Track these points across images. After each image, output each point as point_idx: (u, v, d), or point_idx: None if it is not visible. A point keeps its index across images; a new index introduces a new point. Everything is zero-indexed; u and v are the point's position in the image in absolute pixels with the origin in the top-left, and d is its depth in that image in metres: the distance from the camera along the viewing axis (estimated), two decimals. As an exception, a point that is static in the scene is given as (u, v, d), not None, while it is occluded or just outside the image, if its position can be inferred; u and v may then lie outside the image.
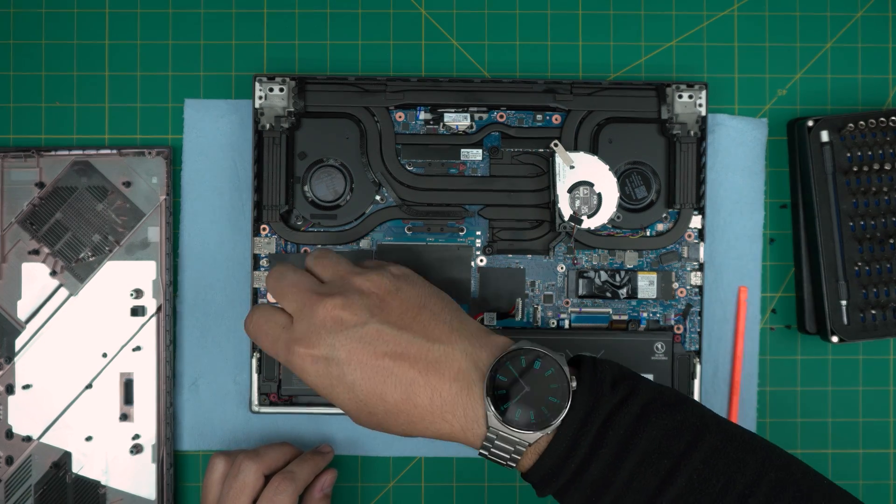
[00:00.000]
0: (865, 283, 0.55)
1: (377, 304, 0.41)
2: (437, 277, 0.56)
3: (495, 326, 0.56)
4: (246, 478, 0.50)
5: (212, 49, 0.59)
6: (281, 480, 0.50)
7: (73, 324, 0.57)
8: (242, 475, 0.50)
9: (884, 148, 0.55)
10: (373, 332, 0.40)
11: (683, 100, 0.56)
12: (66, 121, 0.58)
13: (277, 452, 0.53)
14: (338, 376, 0.40)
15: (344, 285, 0.42)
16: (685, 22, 0.59)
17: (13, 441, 0.56)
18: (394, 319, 0.41)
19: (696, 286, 0.57)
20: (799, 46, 0.59)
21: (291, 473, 0.51)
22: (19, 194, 0.57)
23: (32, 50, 0.59)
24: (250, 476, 0.50)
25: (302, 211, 0.57)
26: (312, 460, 0.53)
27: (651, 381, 0.42)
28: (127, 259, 0.57)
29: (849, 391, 0.59)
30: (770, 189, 0.59)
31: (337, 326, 0.40)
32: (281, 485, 0.50)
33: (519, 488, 0.58)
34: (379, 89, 0.56)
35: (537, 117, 0.57)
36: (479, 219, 0.57)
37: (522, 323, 0.57)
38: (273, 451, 0.53)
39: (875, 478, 0.59)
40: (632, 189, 0.57)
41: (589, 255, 0.57)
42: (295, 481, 0.51)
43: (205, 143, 0.58)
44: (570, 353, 0.51)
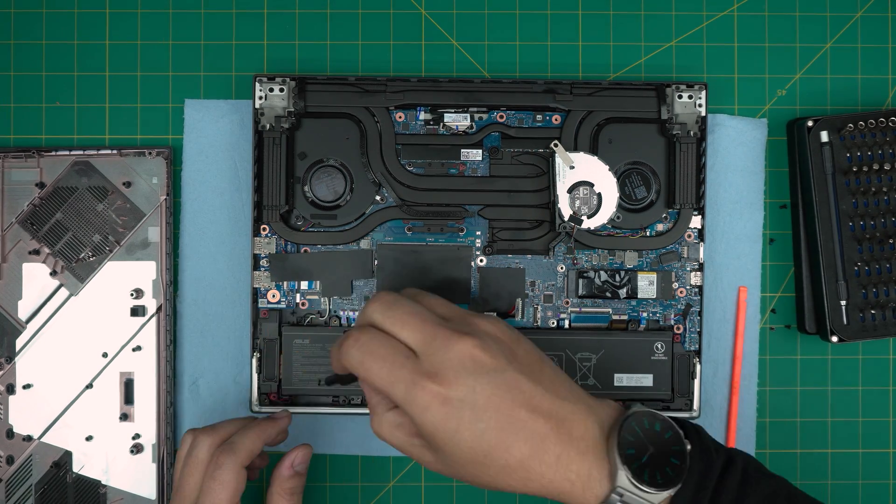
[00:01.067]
0: (865, 283, 0.56)
1: (509, 351, 0.40)
2: (437, 277, 0.56)
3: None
4: (199, 453, 0.48)
5: (212, 49, 0.59)
6: (220, 453, 0.47)
7: (74, 324, 0.57)
8: (196, 450, 0.48)
9: (883, 148, 0.55)
10: (511, 381, 0.39)
11: (683, 100, 0.56)
12: (67, 121, 0.58)
13: (232, 425, 0.50)
14: (469, 421, 0.38)
15: (470, 325, 0.40)
16: (685, 22, 0.59)
17: (14, 441, 0.56)
18: (526, 370, 0.40)
19: (695, 286, 0.57)
20: (798, 46, 0.59)
21: (231, 444, 0.48)
22: (20, 194, 0.57)
23: (32, 50, 0.59)
24: (203, 451, 0.48)
25: (302, 211, 0.57)
26: (258, 427, 0.49)
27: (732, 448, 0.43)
28: (127, 259, 0.57)
29: (848, 391, 0.59)
30: (770, 189, 0.59)
31: (477, 368, 0.38)
32: (220, 458, 0.47)
33: (519, 488, 0.58)
34: (379, 89, 0.56)
35: (537, 117, 0.57)
36: (478, 219, 0.57)
37: (522, 323, 0.57)
38: (229, 424, 0.50)
39: (875, 477, 0.59)
40: (632, 189, 0.57)
41: (589, 255, 0.57)
42: (235, 452, 0.47)
43: (205, 143, 0.58)
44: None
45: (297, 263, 0.56)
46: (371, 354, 0.40)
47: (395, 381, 0.39)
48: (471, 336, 0.39)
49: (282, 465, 0.51)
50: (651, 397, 0.56)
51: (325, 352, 0.55)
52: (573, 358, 0.56)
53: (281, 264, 0.56)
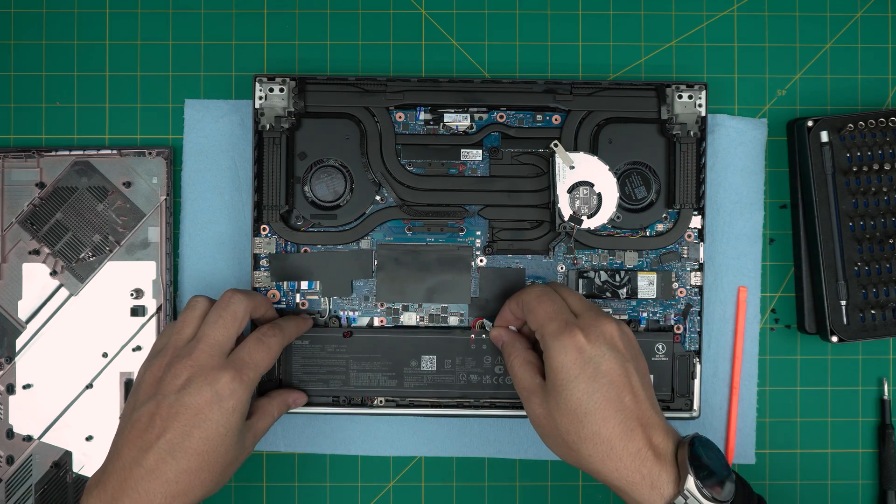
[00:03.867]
0: (865, 283, 0.55)
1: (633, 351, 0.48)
2: (437, 277, 0.56)
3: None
4: (237, 308, 0.49)
5: (212, 49, 0.59)
6: (270, 327, 0.50)
7: (74, 324, 0.57)
8: (234, 306, 0.49)
9: (883, 148, 0.55)
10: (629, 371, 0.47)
11: (683, 100, 0.56)
12: (67, 121, 0.59)
13: (263, 299, 0.52)
14: (589, 375, 0.46)
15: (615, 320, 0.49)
16: (685, 22, 0.59)
17: (14, 441, 0.56)
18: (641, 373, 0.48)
19: (695, 286, 0.57)
20: (798, 46, 0.59)
21: (279, 326, 0.51)
22: (20, 194, 0.57)
23: (32, 50, 0.59)
24: (241, 309, 0.49)
25: (302, 211, 0.57)
26: (297, 320, 0.54)
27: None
28: (127, 259, 0.57)
29: (848, 391, 0.59)
30: (770, 189, 0.59)
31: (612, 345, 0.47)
32: (271, 329, 0.50)
33: (519, 488, 0.59)
34: (379, 89, 0.56)
35: (537, 117, 0.57)
36: (479, 219, 0.57)
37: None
38: (260, 296, 0.52)
39: (875, 477, 0.59)
40: (632, 189, 0.57)
41: (589, 255, 0.57)
42: (283, 333, 0.51)
43: (205, 143, 0.58)
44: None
45: (297, 263, 0.56)
46: (548, 296, 0.50)
47: (555, 318, 0.48)
48: (616, 324, 0.48)
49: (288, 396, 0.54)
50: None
51: (325, 353, 0.55)
52: None
53: (281, 264, 0.56)
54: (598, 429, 0.45)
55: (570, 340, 0.47)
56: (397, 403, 0.56)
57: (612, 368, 0.46)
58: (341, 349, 0.55)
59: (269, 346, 0.49)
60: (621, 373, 0.46)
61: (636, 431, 0.45)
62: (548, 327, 0.48)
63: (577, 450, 0.46)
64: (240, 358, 0.48)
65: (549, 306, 0.49)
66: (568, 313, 0.49)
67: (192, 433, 0.45)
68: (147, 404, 0.46)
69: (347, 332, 0.55)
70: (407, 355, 0.56)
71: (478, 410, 0.56)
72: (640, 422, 0.46)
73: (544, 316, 0.49)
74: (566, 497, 0.59)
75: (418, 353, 0.56)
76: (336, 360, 0.55)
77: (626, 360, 0.47)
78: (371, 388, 0.56)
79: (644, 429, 0.46)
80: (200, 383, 0.46)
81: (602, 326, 0.47)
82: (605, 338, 0.47)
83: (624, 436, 0.45)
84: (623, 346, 0.47)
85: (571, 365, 0.46)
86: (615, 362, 0.46)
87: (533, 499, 0.58)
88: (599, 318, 0.48)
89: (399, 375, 0.56)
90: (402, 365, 0.56)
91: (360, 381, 0.56)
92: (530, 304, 0.50)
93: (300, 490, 0.58)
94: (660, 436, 0.46)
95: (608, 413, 0.45)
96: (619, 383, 0.46)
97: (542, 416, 0.48)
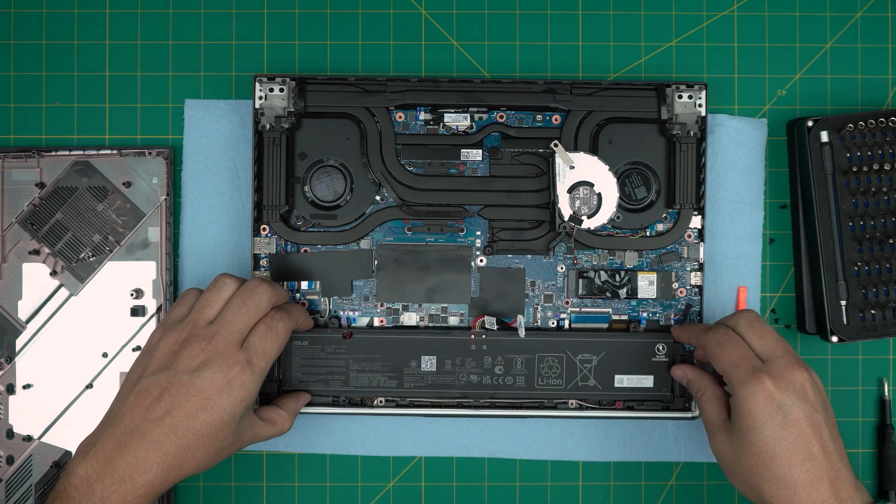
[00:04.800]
0: (865, 283, 0.55)
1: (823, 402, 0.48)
2: (437, 277, 0.56)
3: (495, 329, 0.56)
4: (261, 300, 0.50)
5: (212, 49, 0.59)
6: (279, 311, 0.51)
7: (74, 324, 0.57)
8: (258, 297, 0.50)
9: (883, 148, 0.55)
10: (819, 421, 0.47)
11: (683, 100, 0.56)
12: (67, 121, 0.58)
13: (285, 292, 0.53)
14: (777, 423, 0.46)
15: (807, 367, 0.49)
16: (685, 22, 0.59)
17: (14, 441, 0.56)
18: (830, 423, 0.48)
19: (695, 286, 0.57)
20: (798, 46, 0.59)
21: (287, 310, 0.52)
22: (20, 194, 0.57)
23: (32, 50, 0.59)
24: (265, 300, 0.50)
25: (302, 211, 0.57)
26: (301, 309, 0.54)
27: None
28: (127, 259, 0.57)
29: (849, 391, 0.59)
30: (770, 189, 0.59)
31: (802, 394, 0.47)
32: (280, 315, 0.51)
33: (519, 488, 0.59)
34: (379, 89, 0.56)
35: (537, 117, 0.57)
36: (479, 219, 0.57)
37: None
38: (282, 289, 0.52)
39: (875, 477, 0.59)
40: (632, 189, 0.57)
41: (589, 255, 0.57)
42: (291, 317, 0.51)
43: (205, 143, 0.58)
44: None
45: (297, 263, 0.56)
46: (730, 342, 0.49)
47: (742, 364, 0.48)
48: (807, 371, 0.48)
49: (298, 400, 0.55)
50: (651, 398, 0.56)
51: (325, 353, 0.55)
52: (574, 359, 0.56)
53: (281, 264, 0.56)
54: (784, 473, 0.46)
55: (759, 387, 0.47)
56: (397, 403, 0.56)
57: (801, 418, 0.46)
58: (341, 350, 0.55)
59: (279, 333, 0.50)
60: (810, 423, 0.46)
61: (823, 482, 0.46)
62: (734, 374, 0.48)
63: (759, 490, 0.47)
64: (252, 347, 0.49)
65: (732, 353, 0.49)
66: (754, 359, 0.48)
67: (198, 415, 0.46)
68: (157, 376, 0.47)
69: (347, 334, 0.55)
70: (407, 356, 0.56)
71: (478, 410, 0.56)
72: (827, 473, 0.46)
73: (729, 363, 0.48)
74: (566, 497, 0.59)
75: (418, 353, 0.55)
76: (336, 361, 0.55)
77: (816, 411, 0.47)
78: (371, 389, 0.56)
79: (831, 481, 0.46)
80: (215, 369, 0.47)
81: (792, 375, 0.47)
82: (795, 387, 0.47)
83: (809, 484, 0.46)
84: (813, 396, 0.47)
85: (759, 411, 0.46)
86: (804, 412, 0.46)
87: (533, 499, 0.58)
88: (791, 366, 0.48)
89: (399, 376, 0.55)
90: (402, 365, 0.55)
91: (360, 382, 0.55)
92: (712, 351, 0.50)
93: (300, 490, 0.58)
94: (848, 490, 0.46)
95: (795, 460, 0.46)
96: (808, 433, 0.46)
97: (726, 452, 0.49)
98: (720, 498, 0.59)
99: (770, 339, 0.49)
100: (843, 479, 0.46)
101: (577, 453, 0.58)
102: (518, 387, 0.55)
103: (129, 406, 0.46)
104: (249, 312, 0.49)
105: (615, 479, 0.59)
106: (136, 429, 0.46)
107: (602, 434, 0.58)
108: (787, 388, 0.47)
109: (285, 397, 0.55)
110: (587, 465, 0.59)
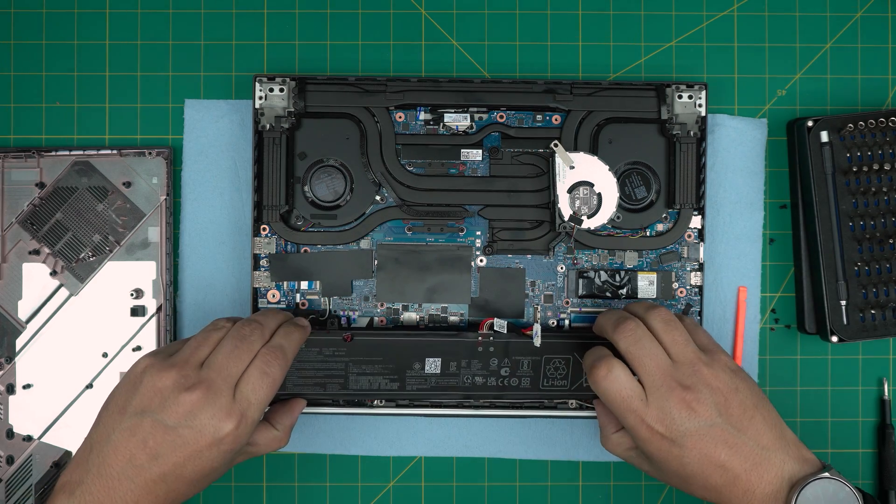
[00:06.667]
0: (865, 283, 0.55)
1: (723, 402, 0.47)
2: (437, 277, 0.56)
3: (505, 333, 0.56)
4: (255, 344, 0.48)
5: (212, 49, 0.59)
6: (273, 353, 0.48)
7: (74, 324, 0.57)
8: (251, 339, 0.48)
9: (883, 148, 0.55)
10: (717, 431, 0.47)
11: (683, 100, 0.56)
12: (67, 121, 0.59)
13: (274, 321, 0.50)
14: (676, 457, 0.47)
15: (695, 375, 0.48)
16: (685, 22, 0.59)
17: (14, 441, 0.56)
18: (734, 420, 0.47)
19: (695, 286, 0.57)
20: (799, 46, 0.59)
21: (282, 348, 0.49)
22: (20, 194, 0.57)
23: (32, 50, 0.59)
24: (257, 344, 0.48)
25: (302, 211, 0.57)
26: (296, 333, 0.51)
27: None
28: (127, 259, 0.57)
29: (848, 391, 0.59)
30: (770, 189, 0.59)
31: (689, 417, 0.46)
32: (273, 358, 0.48)
33: (519, 488, 0.59)
34: (379, 89, 0.56)
35: (537, 117, 0.57)
36: (479, 219, 0.57)
37: (523, 323, 0.57)
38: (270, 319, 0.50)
39: (875, 477, 0.59)
40: (632, 189, 0.57)
41: (589, 255, 0.57)
42: (286, 355, 0.49)
43: (205, 143, 0.58)
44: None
45: (297, 263, 0.56)
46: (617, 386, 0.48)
47: (628, 414, 0.48)
48: (689, 389, 0.47)
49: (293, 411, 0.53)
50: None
51: (323, 356, 0.54)
52: (580, 360, 0.55)
53: (281, 264, 0.56)
54: (704, 483, 0.47)
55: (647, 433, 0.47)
56: (398, 403, 0.56)
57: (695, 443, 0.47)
58: (340, 352, 0.54)
59: (273, 379, 0.47)
60: (708, 439, 0.46)
61: (739, 479, 0.46)
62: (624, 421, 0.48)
63: (693, 493, 0.48)
64: (245, 398, 0.46)
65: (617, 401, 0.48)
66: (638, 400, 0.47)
67: (187, 465, 0.45)
68: (142, 418, 0.45)
69: (348, 336, 0.54)
70: (410, 358, 0.54)
71: (478, 411, 0.56)
72: (744, 465, 0.46)
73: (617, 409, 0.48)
74: (566, 497, 0.59)
75: (422, 355, 0.54)
76: (335, 364, 0.54)
77: (711, 423, 0.47)
78: (371, 392, 0.54)
79: (749, 471, 0.46)
80: (205, 422, 0.45)
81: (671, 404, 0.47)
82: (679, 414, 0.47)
83: (727, 485, 0.46)
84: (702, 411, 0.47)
85: (657, 452, 0.47)
86: (695, 436, 0.47)
87: (533, 499, 0.58)
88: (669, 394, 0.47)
89: (401, 378, 0.54)
90: (404, 368, 0.54)
91: (360, 385, 0.54)
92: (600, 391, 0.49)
93: (300, 490, 0.58)
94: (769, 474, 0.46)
95: (708, 471, 0.47)
96: (708, 448, 0.46)
97: (657, 476, 0.50)
98: (720, 498, 0.59)
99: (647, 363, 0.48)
100: (763, 463, 0.46)
101: (577, 453, 0.58)
102: (523, 388, 0.55)
103: (114, 447, 0.44)
104: (241, 355, 0.47)
105: (615, 479, 0.59)
106: (122, 474, 0.44)
107: (602, 434, 0.58)
108: (670, 422, 0.47)
109: (279, 412, 0.52)
110: (587, 465, 0.59)
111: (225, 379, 0.46)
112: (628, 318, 0.50)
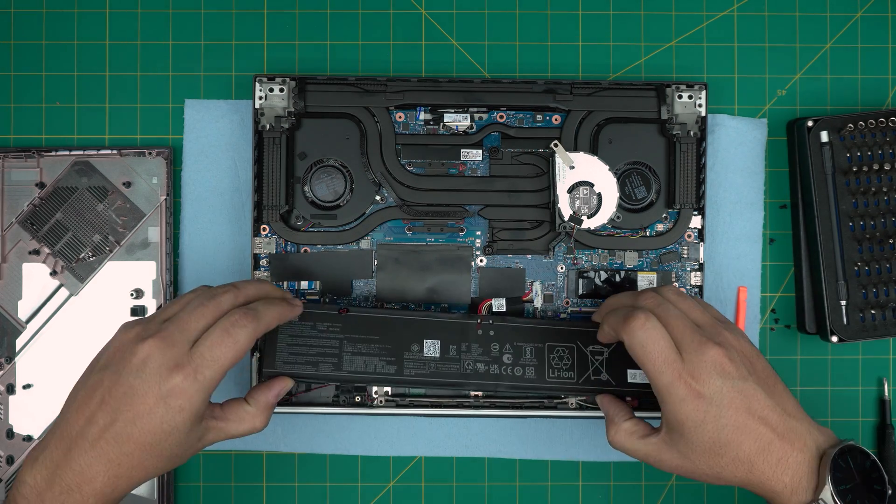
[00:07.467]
0: (865, 283, 0.56)
1: (749, 364, 0.47)
2: (437, 277, 0.56)
3: (503, 314, 0.55)
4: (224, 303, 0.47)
5: (212, 49, 0.59)
6: (243, 314, 0.46)
7: (74, 324, 0.57)
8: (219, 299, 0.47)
9: (883, 148, 0.55)
10: (749, 390, 0.46)
11: (683, 100, 0.56)
12: (67, 121, 0.59)
13: (254, 288, 0.49)
14: (713, 416, 0.45)
15: (719, 335, 0.47)
16: (685, 22, 0.59)
17: (14, 441, 0.56)
18: (762, 382, 0.47)
19: (695, 286, 0.57)
20: (798, 47, 0.59)
21: (255, 311, 0.47)
22: (20, 194, 0.57)
23: (32, 50, 0.59)
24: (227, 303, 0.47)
25: (302, 211, 0.57)
26: (281, 305, 0.49)
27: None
28: (127, 259, 0.57)
29: (848, 391, 0.59)
30: (770, 189, 0.59)
31: (723, 374, 0.46)
32: (242, 318, 0.46)
33: (519, 488, 0.59)
34: (379, 89, 0.56)
35: (537, 117, 0.57)
36: (479, 219, 0.57)
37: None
38: (251, 287, 0.49)
39: (875, 477, 0.59)
40: (632, 189, 0.57)
41: (589, 255, 0.57)
42: (258, 320, 0.46)
43: (205, 143, 0.58)
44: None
45: (297, 263, 0.56)
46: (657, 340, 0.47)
47: (665, 368, 0.46)
48: (720, 346, 0.46)
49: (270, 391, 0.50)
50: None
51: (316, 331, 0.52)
52: (584, 351, 0.54)
53: (281, 264, 0.56)
54: (737, 453, 0.46)
55: (685, 390, 0.46)
56: (397, 403, 0.56)
57: (731, 400, 0.45)
58: (335, 327, 0.52)
59: (236, 340, 0.45)
60: (741, 397, 0.46)
61: (773, 443, 0.45)
62: (660, 380, 0.46)
63: (720, 475, 0.47)
64: (199, 353, 0.44)
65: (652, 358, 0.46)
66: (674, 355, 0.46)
67: (137, 423, 0.43)
68: (103, 373, 0.44)
69: (343, 309, 0.52)
70: (408, 339, 0.52)
71: (478, 410, 0.56)
72: (775, 432, 0.45)
73: (652, 368, 0.46)
74: (566, 497, 0.59)
75: (421, 336, 0.52)
76: (328, 341, 0.52)
77: (744, 380, 0.46)
78: (366, 374, 0.52)
79: (780, 438, 0.45)
80: (152, 373, 0.43)
81: (706, 358, 0.46)
82: (714, 370, 0.46)
83: (762, 452, 0.45)
84: (734, 369, 0.46)
85: (694, 412, 0.46)
86: (731, 392, 0.46)
87: (533, 499, 0.58)
88: (702, 349, 0.46)
89: (399, 361, 0.52)
90: (401, 349, 0.52)
91: (355, 366, 0.52)
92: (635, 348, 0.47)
93: (300, 490, 0.58)
94: (799, 441, 0.46)
95: (742, 437, 0.45)
96: (744, 408, 0.45)
97: (679, 465, 0.48)
98: (720, 498, 0.59)
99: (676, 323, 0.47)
100: (792, 431, 0.46)
101: (577, 453, 0.58)
102: (528, 378, 0.53)
103: (76, 407, 0.44)
104: (206, 313, 0.46)
105: (615, 479, 0.59)
106: (80, 434, 0.43)
107: (602, 434, 0.58)
108: (707, 376, 0.45)
109: (256, 389, 0.50)
110: (587, 465, 0.59)
111: (183, 331, 0.45)
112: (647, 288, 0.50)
